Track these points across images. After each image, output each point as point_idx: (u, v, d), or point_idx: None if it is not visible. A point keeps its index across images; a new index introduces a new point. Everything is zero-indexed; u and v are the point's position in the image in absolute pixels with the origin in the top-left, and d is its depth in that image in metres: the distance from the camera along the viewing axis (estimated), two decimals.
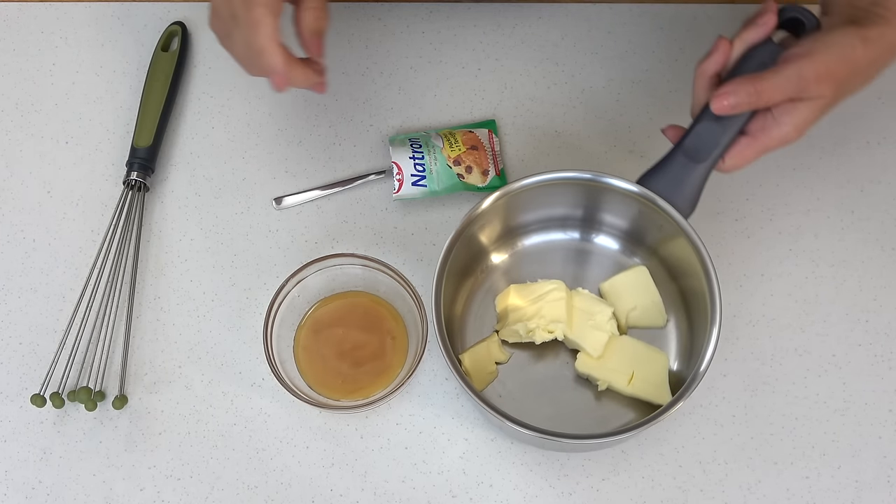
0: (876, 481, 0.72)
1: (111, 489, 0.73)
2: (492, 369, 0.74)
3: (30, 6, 0.89)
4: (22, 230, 0.82)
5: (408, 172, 0.79)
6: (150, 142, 0.82)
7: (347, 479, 0.73)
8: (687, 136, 0.70)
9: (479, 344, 0.75)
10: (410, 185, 0.79)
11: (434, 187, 0.79)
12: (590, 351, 0.73)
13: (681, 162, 0.70)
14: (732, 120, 0.68)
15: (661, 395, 0.72)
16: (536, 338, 0.72)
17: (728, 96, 0.65)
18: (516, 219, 0.77)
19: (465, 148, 0.80)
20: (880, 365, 0.76)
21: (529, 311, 0.73)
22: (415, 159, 0.79)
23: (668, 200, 0.70)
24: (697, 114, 0.69)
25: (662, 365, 0.73)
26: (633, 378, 0.72)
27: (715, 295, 0.68)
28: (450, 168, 0.80)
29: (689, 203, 0.71)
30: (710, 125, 0.68)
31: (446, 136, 0.81)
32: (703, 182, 0.70)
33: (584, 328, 0.73)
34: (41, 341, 0.78)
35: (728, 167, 0.69)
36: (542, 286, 0.74)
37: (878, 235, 0.80)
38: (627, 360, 0.73)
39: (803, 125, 0.66)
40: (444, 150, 0.80)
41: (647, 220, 0.73)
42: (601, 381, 0.72)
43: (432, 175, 0.79)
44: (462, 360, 0.73)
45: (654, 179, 0.71)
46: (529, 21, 0.88)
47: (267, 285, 0.78)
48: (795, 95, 0.65)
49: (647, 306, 0.75)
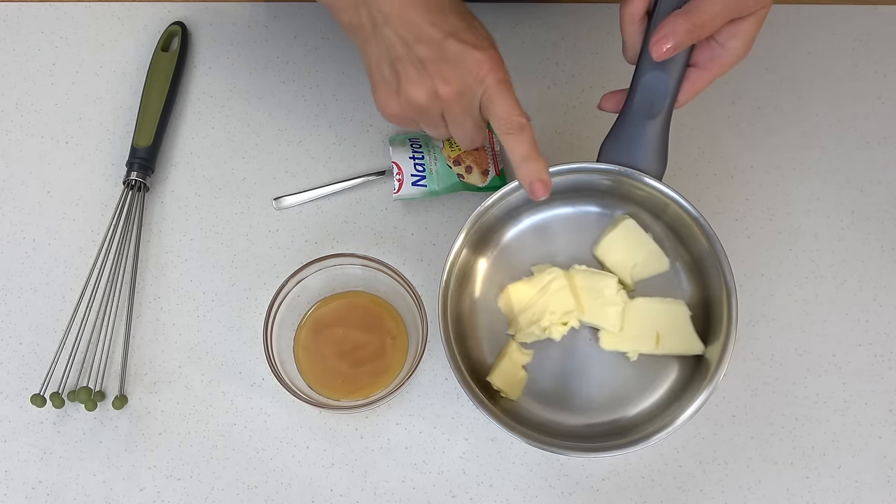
0: (876, 481, 0.73)
1: (111, 489, 0.73)
2: (521, 375, 0.73)
3: (30, 6, 0.89)
4: (22, 230, 0.82)
5: (408, 172, 0.79)
6: (150, 142, 0.82)
7: (347, 479, 0.73)
8: (634, 93, 0.67)
9: (501, 360, 0.73)
10: (410, 185, 0.79)
11: (434, 187, 0.79)
12: (609, 328, 0.72)
13: (636, 122, 0.67)
14: (674, 61, 0.65)
15: (692, 346, 0.71)
16: (554, 334, 0.72)
17: (667, 39, 0.61)
18: (501, 217, 0.76)
19: None
20: (880, 365, 0.76)
21: (538, 309, 0.72)
22: (415, 159, 0.79)
23: (635, 167, 0.68)
24: (636, 63, 0.66)
25: (683, 315, 0.72)
26: (660, 339, 0.71)
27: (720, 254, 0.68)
28: (450, 168, 0.80)
29: (659, 161, 0.68)
30: (654, 74, 0.65)
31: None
32: (665, 135, 0.67)
33: (596, 307, 0.72)
34: (41, 341, 0.78)
35: (682, 103, 0.66)
36: (541, 278, 0.73)
37: (878, 235, 0.80)
38: (648, 322, 0.72)
39: (751, 41, 0.63)
40: (444, 150, 0.80)
41: (620, 187, 0.72)
42: (630, 352, 0.72)
43: (432, 175, 0.79)
44: (492, 382, 0.72)
45: (615, 149, 0.68)
46: (529, 21, 0.88)
47: (267, 285, 0.78)
48: (735, 16, 0.61)
49: (645, 257, 0.73)
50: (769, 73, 0.85)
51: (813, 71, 0.85)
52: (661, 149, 0.68)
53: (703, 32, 0.62)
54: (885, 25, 0.87)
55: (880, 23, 0.87)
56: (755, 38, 0.63)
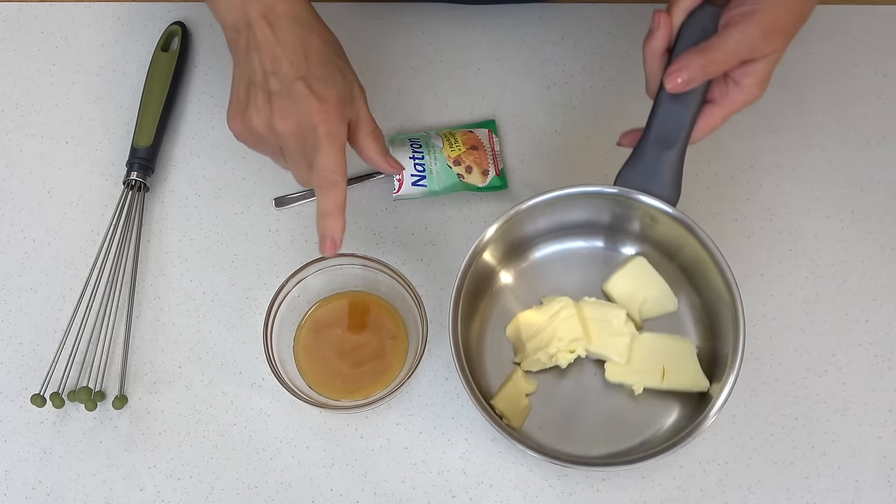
0: (876, 481, 0.72)
1: (111, 489, 0.73)
2: (525, 403, 0.73)
3: (30, 6, 0.89)
4: (22, 230, 0.82)
5: (408, 172, 0.79)
6: (150, 142, 0.82)
7: (347, 479, 0.73)
8: (652, 124, 0.69)
9: (505, 385, 0.74)
10: (410, 185, 0.79)
11: (434, 187, 0.79)
12: (616, 358, 0.72)
13: (653, 152, 0.69)
14: (691, 95, 0.67)
15: (697, 382, 0.71)
16: (561, 361, 0.72)
17: (681, 72, 0.64)
18: (510, 253, 0.77)
19: (465, 148, 0.80)
20: (880, 365, 0.76)
21: (546, 336, 0.72)
22: (415, 159, 0.79)
23: (651, 194, 0.70)
24: (655, 96, 0.69)
25: (689, 351, 0.72)
26: (666, 373, 0.72)
27: (733, 290, 0.69)
28: (450, 168, 0.79)
29: (673, 190, 0.70)
30: (671, 107, 0.68)
31: (446, 136, 0.81)
32: (680, 165, 0.69)
33: (603, 337, 0.72)
34: (41, 341, 0.78)
35: (697, 138, 0.68)
36: (550, 306, 0.73)
37: (878, 235, 0.80)
38: (654, 356, 0.72)
39: (765, 81, 0.65)
40: (444, 150, 0.80)
41: (633, 215, 0.73)
42: (635, 384, 0.72)
43: (432, 175, 0.79)
44: (495, 405, 0.72)
45: (632, 176, 0.70)
46: (529, 21, 0.88)
47: (267, 285, 0.78)
48: (748, 57, 0.64)
49: (655, 295, 0.75)
50: None
51: (813, 71, 0.85)
52: (676, 178, 0.70)
53: (715, 69, 0.64)
54: (885, 25, 0.87)
55: (880, 23, 0.87)
56: (769, 80, 0.66)
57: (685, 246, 0.72)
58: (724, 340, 0.70)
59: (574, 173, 0.82)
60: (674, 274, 0.75)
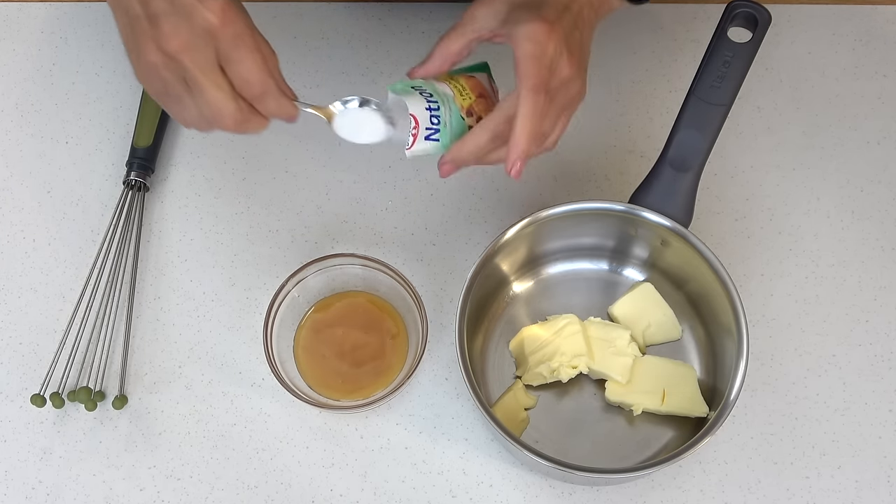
0: (876, 481, 0.72)
1: (111, 489, 0.73)
2: (523, 416, 0.73)
3: (30, 6, 0.89)
4: (22, 230, 0.82)
5: (423, 126, 0.65)
6: (150, 142, 0.82)
7: (347, 479, 0.73)
8: (669, 147, 0.71)
9: (505, 395, 0.74)
10: (424, 140, 0.65)
11: (446, 141, 0.66)
12: (617, 378, 0.72)
13: (669, 174, 0.71)
14: (709, 123, 0.69)
15: (697, 407, 0.71)
16: (562, 376, 0.72)
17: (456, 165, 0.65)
18: (516, 272, 0.78)
19: (475, 96, 0.69)
20: (880, 365, 0.76)
21: (549, 351, 0.72)
22: (431, 111, 0.65)
23: (665, 214, 0.71)
24: (675, 121, 0.70)
25: (691, 377, 0.73)
26: (666, 396, 0.72)
27: (739, 313, 0.69)
28: (462, 120, 0.67)
29: (686, 212, 0.71)
30: (689, 132, 0.70)
31: (453, 84, 0.68)
32: (694, 189, 0.71)
33: (606, 356, 0.72)
34: (41, 341, 0.78)
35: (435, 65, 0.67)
36: (555, 323, 0.73)
37: (878, 235, 0.80)
38: (656, 379, 0.72)
39: (567, 122, 0.66)
40: (456, 100, 0.67)
41: (644, 237, 0.74)
42: (635, 405, 0.72)
43: (446, 128, 0.66)
44: (494, 413, 0.71)
45: (646, 196, 0.71)
46: None
47: (267, 285, 0.78)
48: (537, 132, 0.62)
49: (660, 321, 0.75)
50: (769, 73, 0.85)
51: (813, 71, 0.86)
52: (690, 201, 0.71)
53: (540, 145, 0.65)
54: (885, 25, 0.87)
55: (880, 23, 0.87)
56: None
57: (694, 277, 0.72)
58: (725, 375, 0.70)
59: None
60: (680, 304, 0.76)
